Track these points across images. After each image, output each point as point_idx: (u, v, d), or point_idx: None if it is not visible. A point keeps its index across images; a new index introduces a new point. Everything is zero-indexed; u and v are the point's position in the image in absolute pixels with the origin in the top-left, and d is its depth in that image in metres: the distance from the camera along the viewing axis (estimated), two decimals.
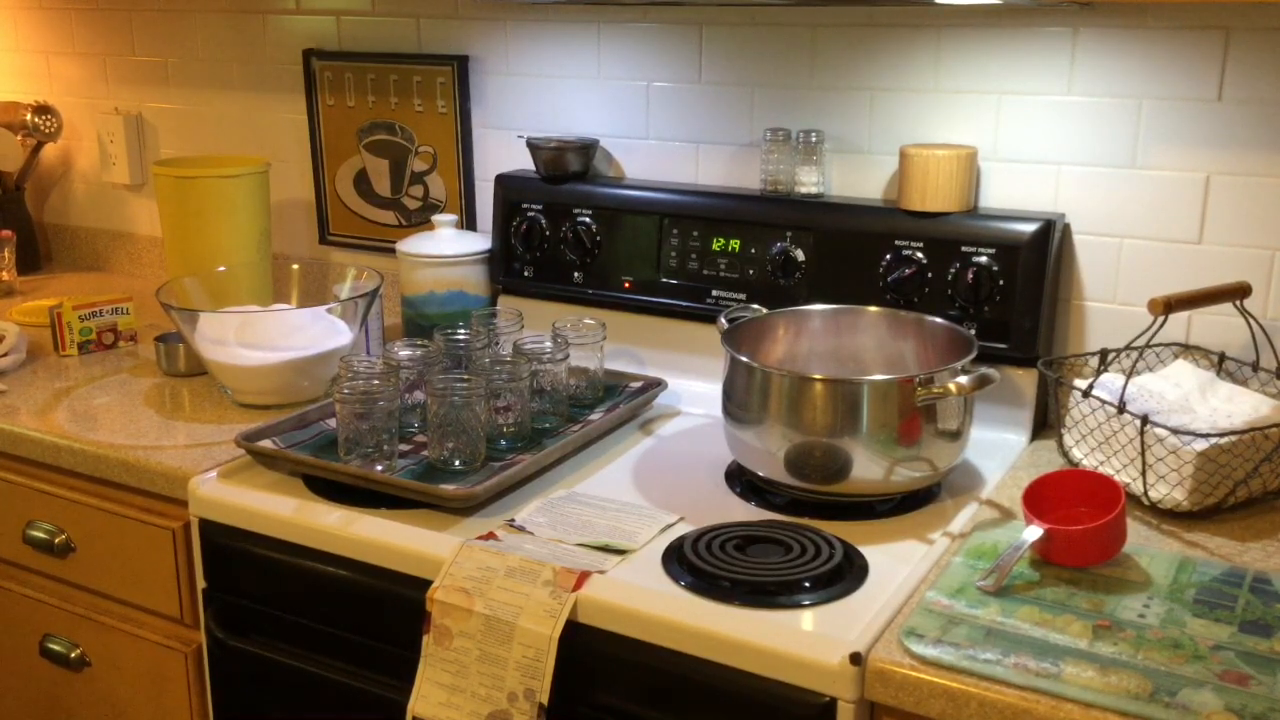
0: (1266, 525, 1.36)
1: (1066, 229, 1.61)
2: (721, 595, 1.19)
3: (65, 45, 2.49)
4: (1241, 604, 1.17)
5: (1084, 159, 1.59)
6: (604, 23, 1.88)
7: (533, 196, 1.89)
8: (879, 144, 1.72)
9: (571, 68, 1.92)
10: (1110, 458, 1.41)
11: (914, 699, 1.07)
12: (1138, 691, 1.02)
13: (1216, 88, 1.50)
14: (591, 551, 1.28)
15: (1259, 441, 1.35)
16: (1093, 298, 1.62)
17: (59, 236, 2.63)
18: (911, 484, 1.39)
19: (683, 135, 1.86)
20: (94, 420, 1.67)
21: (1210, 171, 1.53)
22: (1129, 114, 1.55)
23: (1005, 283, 1.56)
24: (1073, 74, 1.57)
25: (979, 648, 1.08)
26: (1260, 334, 1.48)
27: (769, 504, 1.41)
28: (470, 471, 1.45)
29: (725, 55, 1.80)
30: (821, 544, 1.28)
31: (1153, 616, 1.14)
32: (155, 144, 2.44)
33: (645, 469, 1.52)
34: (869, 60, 1.70)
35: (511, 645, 1.20)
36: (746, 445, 1.43)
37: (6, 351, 1.87)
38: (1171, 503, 1.36)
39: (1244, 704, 1.00)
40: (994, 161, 1.64)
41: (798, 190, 1.74)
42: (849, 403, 1.35)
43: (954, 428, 1.39)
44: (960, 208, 1.60)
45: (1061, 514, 1.26)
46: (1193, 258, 1.55)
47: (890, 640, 1.11)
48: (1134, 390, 1.41)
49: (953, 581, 1.20)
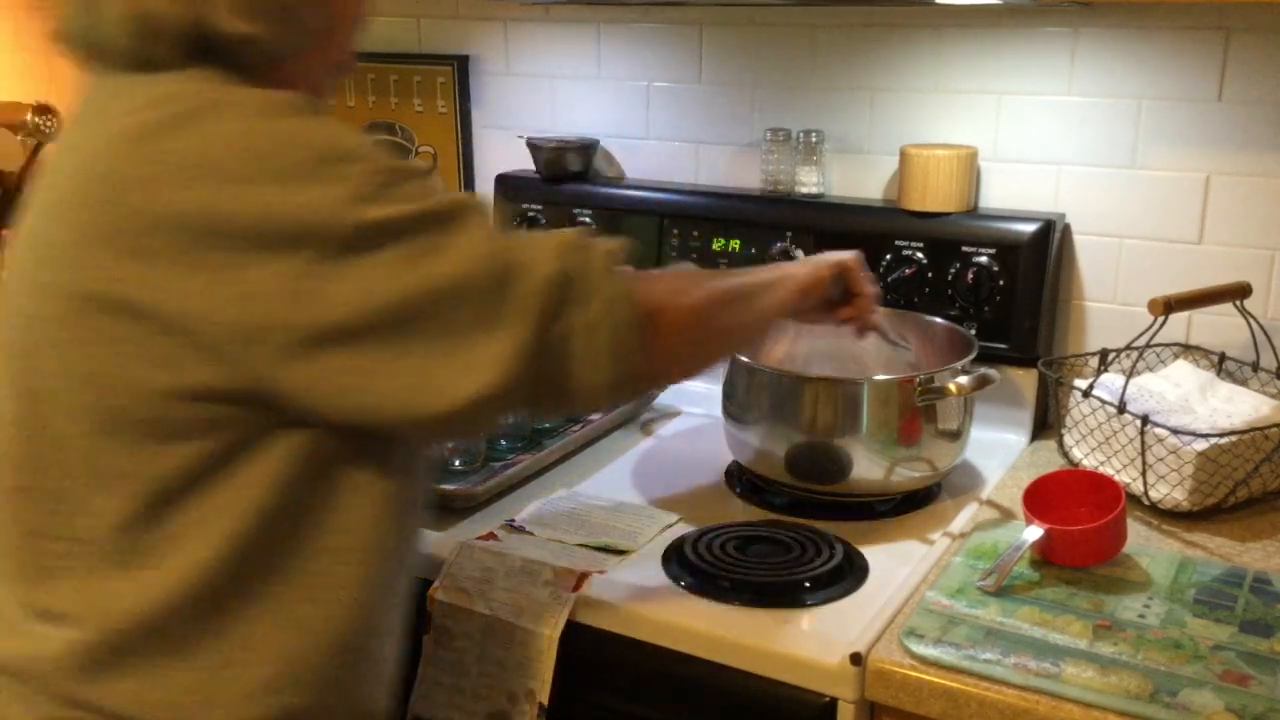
0: (1266, 525, 1.36)
1: (1066, 229, 1.61)
2: (721, 595, 1.19)
3: None
4: (1241, 604, 1.17)
5: (1084, 159, 1.59)
6: (604, 23, 1.88)
7: (533, 197, 1.89)
8: (879, 144, 1.72)
9: (571, 68, 1.92)
10: (1110, 458, 1.41)
11: (914, 699, 1.07)
12: (1138, 692, 1.02)
13: (1216, 88, 1.50)
14: (591, 552, 1.28)
15: (1259, 441, 1.35)
16: (1093, 298, 1.62)
17: None
18: (911, 484, 1.39)
19: (683, 135, 1.86)
20: None
21: (1210, 171, 1.53)
22: (1129, 114, 1.55)
23: (1005, 283, 1.56)
24: (1073, 74, 1.57)
25: (979, 648, 1.08)
26: (1260, 334, 1.48)
27: (769, 504, 1.41)
28: (470, 471, 1.45)
29: (725, 55, 1.80)
30: (821, 544, 1.28)
31: (1153, 617, 1.14)
32: None
33: (645, 469, 1.52)
34: (869, 60, 1.70)
35: (511, 645, 1.20)
36: (746, 445, 1.43)
37: None
38: (1171, 503, 1.36)
39: (1244, 704, 1.00)
40: (994, 161, 1.64)
41: (798, 190, 1.74)
42: (849, 403, 1.35)
43: (954, 428, 1.39)
44: (960, 208, 1.60)
45: (1061, 514, 1.26)
46: (1193, 258, 1.55)
47: (890, 640, 1.11)
48: (1134, 390, 1.41)
49: (953, 581, 1.20)
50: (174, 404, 0.85)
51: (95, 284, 0.84)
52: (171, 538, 0.88)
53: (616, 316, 0.92)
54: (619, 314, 0.92)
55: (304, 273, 0.82)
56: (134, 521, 0.88)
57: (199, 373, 0.84)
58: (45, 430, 0.89)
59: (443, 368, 0.86)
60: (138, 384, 0.85)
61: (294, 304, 0.83)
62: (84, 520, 0.89)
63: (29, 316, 0.89)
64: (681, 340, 1.02)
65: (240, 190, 0.82)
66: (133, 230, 0.83)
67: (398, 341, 0.85)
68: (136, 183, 0.83)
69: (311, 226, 0.82)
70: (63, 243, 0.86)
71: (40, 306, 0.88)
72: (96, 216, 0.84)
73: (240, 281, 0.82)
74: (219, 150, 0.83)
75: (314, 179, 0.83)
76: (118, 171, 0.84)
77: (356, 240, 0.83)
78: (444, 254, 0.86)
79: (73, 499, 0.89)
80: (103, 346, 0.85)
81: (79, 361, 0.86)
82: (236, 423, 0.87)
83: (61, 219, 0.86)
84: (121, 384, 0.85)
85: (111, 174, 0.84)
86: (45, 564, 0.90)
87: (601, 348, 0.91)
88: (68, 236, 0.86)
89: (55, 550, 0.90)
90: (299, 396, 0.86)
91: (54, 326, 0.87)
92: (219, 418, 0.86)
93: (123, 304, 0.84)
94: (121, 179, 0.83)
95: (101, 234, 0.84)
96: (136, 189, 0.83)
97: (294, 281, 0.82)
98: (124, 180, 0.83)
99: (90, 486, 0.88)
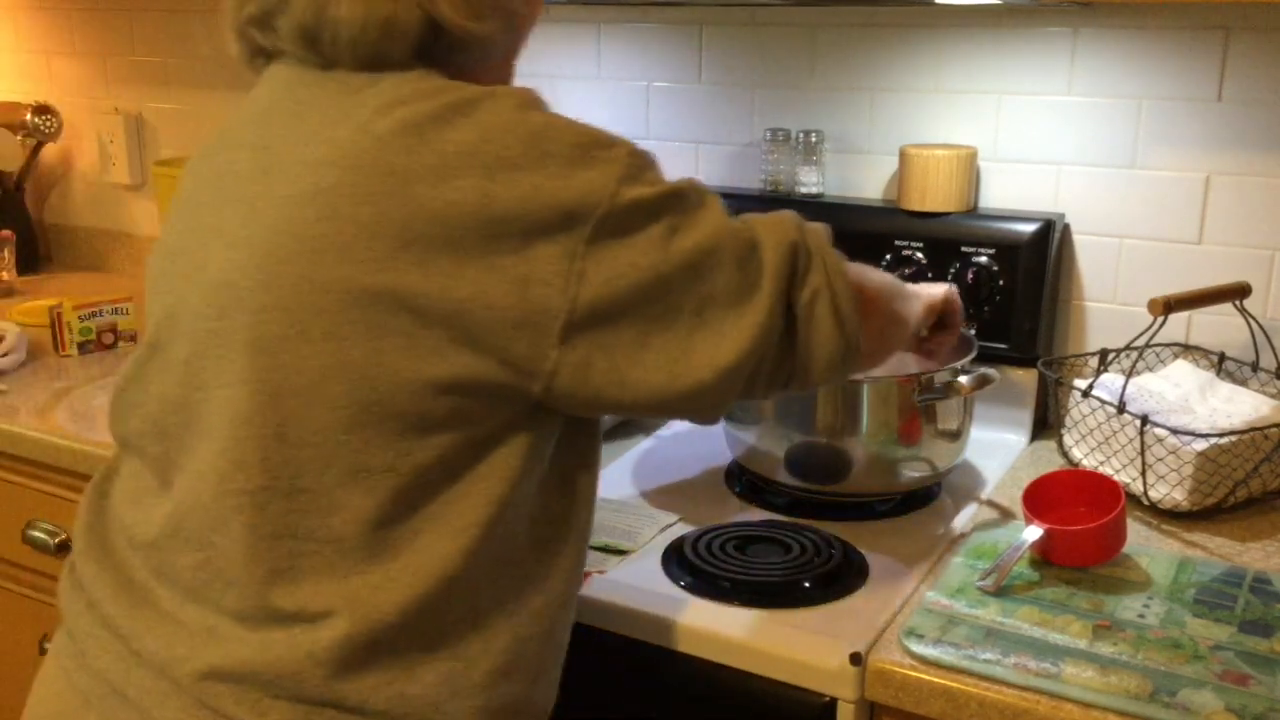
0: (1266, 525, 1.36)
1: (1066, 229, 1.61)
2: (721, 595, 1.19)
3: (65, 45, 2.50)
4: (1241, 604, 1.17)
5: (1084, 159, 1.59)
6: (604, 23, 1.88)
7: None
8: (879, 144, 1.72)
9: (571, 68, 1.92)
10: (1110, 458, 1.41)
11: (914, 699, 1.07)
12: (1138, 691, 1.02)
13: (1216, 88, 1.50)
14: (591, 551, 1.28)
15: (1259, 441, 1.35)
16: (1093, 298, 1.62)
17: (59, 236, 2.63)
18: (911, 484, 1.40)
19: (683, 135, 1.86)
20: (94, 420, 1.67)
21: (1210, 171, 1.53)
22: (1129, 114, 1.55)
23: (1005, 283, 1.56)
24: (1073, 74, 1.57)
25: (979, 648, 1.08)
26: (1260, 334, 1.48)
27: (769, 504, 1.41)
28: None
29: (725, 55, 1.80)
30: (821, 544, 1.28)
31: (1153, 616, 1.14)
32: (155, 144, 2.44)
33: (645, 469, 1.53)
34: (869, 60, 1.70)
35: None
36: (746, 445, 1.43)
37: (6, 351, 1.87)
38: (1171, 503, 1.36)
39: (1244, 704, 1.00)
40: (994, 161, 1.65)
41: (798, 190, 1.74)
42: (849, 403, 1.35)
43: (954, 428, 1.39)
44: (960, 208, 1.60)
45: (1061, 514, 1.26)
46: (1193, 258, 1.55)
47: (890, 640, 1.11)
48: (1134, 390, 1.41)
49: (953, 581, 1.20)
50: (434, 397, 0.86)
51: (371, 276, 0.84)
52: (418, 531, 0.89)
53: (840, 285, 0.96)
54: (841, 283, 0.96)
55: (574, 254, 0.85)
56: (390, 516, 0.88)
57: (462, 363, 0.86)
58: (288, 429, 0.87)
59: (700, 339, 0.89)
60: (400, 376, 0.85)
61: (564, 287, 0.85)
62: (338, 517, 0.88)
63: (277, 311, 0.86)
64: (879, 318, 1.05)
65: (516, 177, 0.84)
66: (418, 221, 0.84)
67: (656, 316, 0.88)
68: (421, 174, 0.84)
69: (585, 208, 0.85)
70: (330, 236, 0.85)
71: (297, 301, 0.86)
72: (380, 210, 0.84)
73: (515, 265, 0.84)
74: (496, 139, 0.85)
75: (583, 164, 0.86)
76: (400, 164, 0.84)
77: (625, 219, 0.86)
78: (694, 229, 0.89)
79: (325, 498, 0.87)
80: (370, 340, 0.85)
81: (341, 355, 0.85)
82: (487, 415, 0.89)
83: (328, 213, 0.85)
84: (384, 377, 0.85)
85: (394, 167, 0.84)
86: (291, 565, 0.88)
87: (832, 314, 0.95)
88: (340, 230, 0.85)
89: (304, 550, 0.88)
90: (559, 380, 0.88)
91: (316, 320, 0.85)
92: (473, 411, 0.88)
93: (397, 296, 0.84)
94: (406, 171, 0.84)
95: (385, 227, 0.84)
96: (421, 181, 0.84)
97: (566, 263, 0.85)
98: (408, 173, 0.84)
99: (345, 484, 0.87)
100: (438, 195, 0.84)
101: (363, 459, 0.87)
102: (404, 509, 0.88)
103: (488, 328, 0.85)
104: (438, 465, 0.88)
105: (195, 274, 0.93)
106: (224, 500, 0.89)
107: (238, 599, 0.90)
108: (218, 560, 0.90)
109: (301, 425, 0.87)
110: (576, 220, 0.85)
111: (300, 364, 0.86)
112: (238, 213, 0.91)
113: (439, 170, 0.84)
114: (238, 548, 0.89)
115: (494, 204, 0.84)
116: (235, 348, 0.88)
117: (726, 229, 0.91)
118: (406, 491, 0.88)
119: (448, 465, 0.88)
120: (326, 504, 0.88)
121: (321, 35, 0.90)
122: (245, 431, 0.88)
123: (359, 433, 0.86)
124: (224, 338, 0.89)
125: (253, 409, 0.87)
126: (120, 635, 0.94)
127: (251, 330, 0.87)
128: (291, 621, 0.88)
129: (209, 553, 0.91)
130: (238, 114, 0.99)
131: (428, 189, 0.84)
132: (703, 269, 0.89)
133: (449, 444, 0.88)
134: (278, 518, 0.88)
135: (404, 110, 0.86)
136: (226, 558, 0.90)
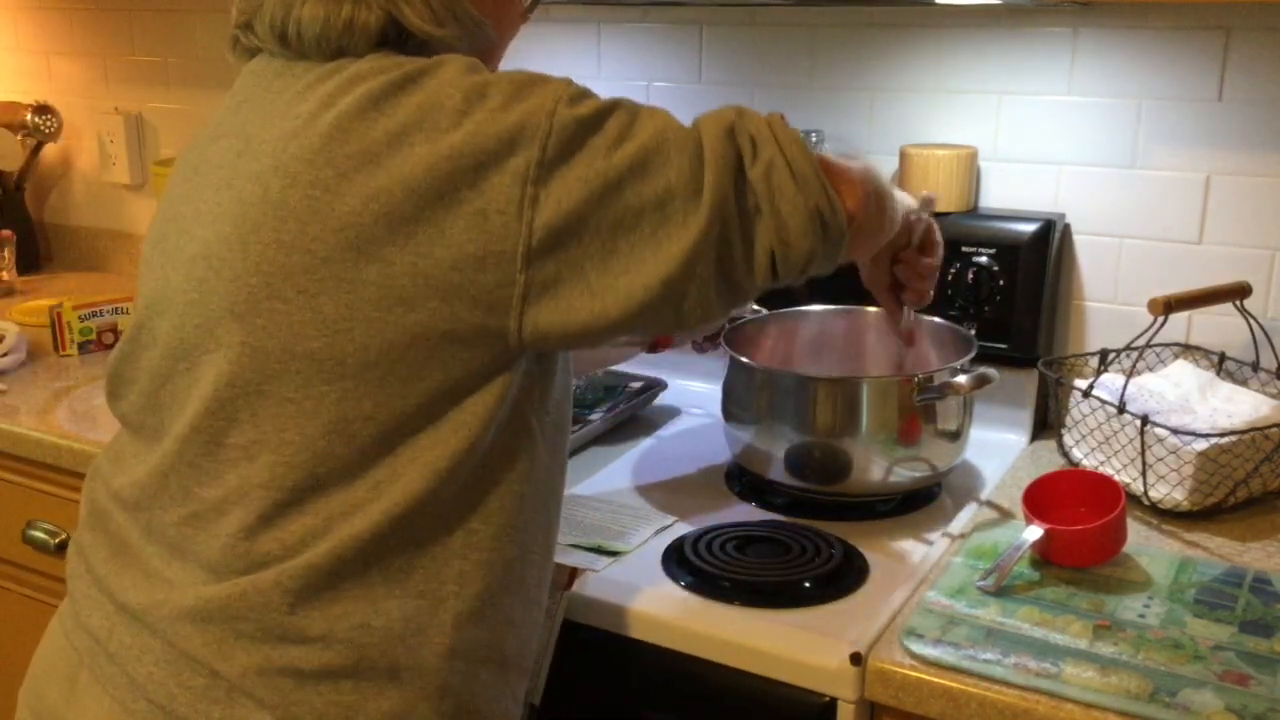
0: (1266, 525, 1.36)
1: (1066, 229, 1.61)
2: (721, 595, 1.19)
3: (65, 45, 2.49)
4: (1241, 604, 1.17)
5: (1084, 159, 1.59)
6: (604, 23, 1.88)
7: None
8: (879, 144, 1.72)
9: (571, 68, 1.92)
10: (1110, 458, 1.41)
11: (914, 699, 1.07)
12: (1138, 692, 1.02)
13: (1216, 88, 1.50)
14: (583, 552, 1.28)
15: (1259, 441, 1.35)
16: (1093, 298, 1.62)
17: (59, 236, 2.63)
18: (911, 484, 1.39)
19: None
20: (94, 420, 1.67)
21: (1210, 171, 1.53)
22: (1129, 114, 1.55)
23: (1005, 283, 1.56)
24: (1073, 74, 1.57)
25: (979, 648, 1.08)
26: (1260, 334, 1.48)
27: (769, 504, 1.41)
28: None
29: (725, 55, 1.80)
30: (821, 544, 1.28)
31: (1153, 617, 1.14)
32: (155, 144, 2.44)
33: (645, 469, 1.52)
34: (869, 60, 1.70)
35: None
36: (746, 445, 1.43)
37: (6, 351, 1.87)
38: (1171, 503, 1.36)
39: (1244, 704, 1.00)
40: (994, 161, 1.64)
41: None
42: (849, 403, 1.35)
43: (954, 428, 1.39)
44: (960, 208, 1.60)
45: (1061, 514, 1.26)
46: (1193, 258, 1.55)
47: (890, 640, 1.11)
48: (1134, 390, 1.41)
49: (953, 581, 1.20)
50: (409, 346, 0.89)
51: (337, 235, 0.88)
52: (395, 471, 0.92)
53: (794, 151, 0.95)
54: (795, 150, 0.96)
55: (525, 178, 0.88)
56: (370, 458, 0.91)
57: (433, 308, 0.89)
58: (269, 386, 0.91)
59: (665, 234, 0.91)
60: (374, 328, 0.89)
61: (519, 212, 0.88)
62: (324, 467, 0.91)
63: (252, 276, 0.90)
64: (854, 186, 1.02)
65: (461, 122, 0.89)
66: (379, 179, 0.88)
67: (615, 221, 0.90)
68: (380, 139, 0.89)
69: (527, 131, 0.88)
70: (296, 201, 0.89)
71: (269, 264, 0.89)
72: (342, 173, 0.89)
73: (472, 201, 0.88)
74: (444, 94, 0.90)
75: (521, 97, 0.90)
76: (360, 131, 0.89)
77: (569, 138, 0.89)
78: (637, 134, 0.92)
79: (307, 450, 0.91)
80: (341, 294, 0.88)
81: (314, 311, 0.89)
82: (465, 362, 0.91)
83: (293, 180, 0.90)
84: (358, 329, 0.89)
85: (356, 136, 0.89)
86: (276, 513, 0.92)
87: (790, 179, 0.95)
88: (306, 195, 0.89)
89: (287, 500, 0.91)
90: (532, 309, 0.90)
91: (288, 281, 0.89)
92: (450, 357, 0.90)
93: (364, 251, 0.88)
94: (365, 138, 0.89)
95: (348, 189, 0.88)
96: (381, 144, 0.89)
97: (518, 189, 0.88)
98: (368, 139, 0.89)
99: (328, 434, 0.90)
100: (396, 154, 0.88)
101: (343, 410, 0.90)
102: (387, 449, 0.91)
103: (454, 267, 0.88)
104: (416, 412, 0.91)
105: (176, 254, 0.97)
106: (209, 456, 0.94)
107: (221, 550, 0.93)
108: (205, 513, 0.94)
109: (282, 381, 0.90)
110: (520, 144, 0.88)
111: (277, 322, 0.90)
112: (214, 194, 0.95)
113: (396, 134, 0.88)
114: (224, 499, 0.93)
115: (444, 149, 0.88)
116: (215, 315, 0.93)
117: (670, 127, 0.93)
118: (387, 437, 0.91)
119: (426, 412, 0.91)
120: (316, 455, 0.91)
121: (289, 32, 0.96)
122: (229, 393, 0.92)
123: (338, 384, 0.90)
124: (204, 307, 0.93)
125: (235, 370, 0.92)
126: (108, 591, 0.99)
127: (229, 297, 0.92)
128: (275, 562, 0.92)
129: (195, 506, 0.95)
130: (221, 108, 1.05)
131: (388, 150, 0.88)
132: (650, 167, 0.91)
133: (426, 392, 0.91)
134: (263, 470, 0.92)
135: (364, 85, 0.91)
136: (212, 509, 0.94)
